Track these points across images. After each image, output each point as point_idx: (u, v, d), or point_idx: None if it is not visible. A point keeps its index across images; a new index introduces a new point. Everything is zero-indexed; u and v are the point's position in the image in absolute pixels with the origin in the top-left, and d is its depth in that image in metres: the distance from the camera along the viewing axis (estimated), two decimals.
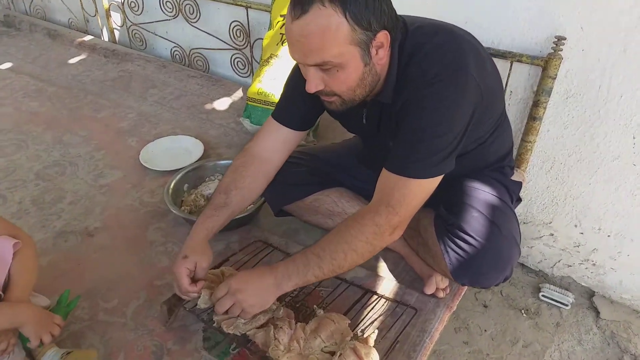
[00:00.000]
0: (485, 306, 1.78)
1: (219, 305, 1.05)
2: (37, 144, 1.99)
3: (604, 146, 1.52)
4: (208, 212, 1.20)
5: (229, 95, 2.34)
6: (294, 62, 1.23)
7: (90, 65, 2.68)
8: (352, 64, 0.97)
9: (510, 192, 1.29)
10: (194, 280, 1.14)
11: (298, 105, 1.24)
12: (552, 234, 1.77)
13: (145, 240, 1.50)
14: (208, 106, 2.27)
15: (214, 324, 1.12)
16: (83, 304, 1.27)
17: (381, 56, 1.01)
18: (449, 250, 1.14)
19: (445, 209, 1.19)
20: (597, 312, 1.72)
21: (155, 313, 1.25)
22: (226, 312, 1.08)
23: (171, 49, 2.69)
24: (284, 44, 1.87)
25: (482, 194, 1.19)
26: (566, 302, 1.72)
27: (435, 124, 0.99)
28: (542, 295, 1.76)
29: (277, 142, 1.27)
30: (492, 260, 1.11)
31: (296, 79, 1.22)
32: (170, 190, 1.56)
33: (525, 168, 1.65)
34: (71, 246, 1.48)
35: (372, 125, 1.19)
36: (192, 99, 2.32)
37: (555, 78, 1.47)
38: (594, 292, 1.77)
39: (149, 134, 2.05)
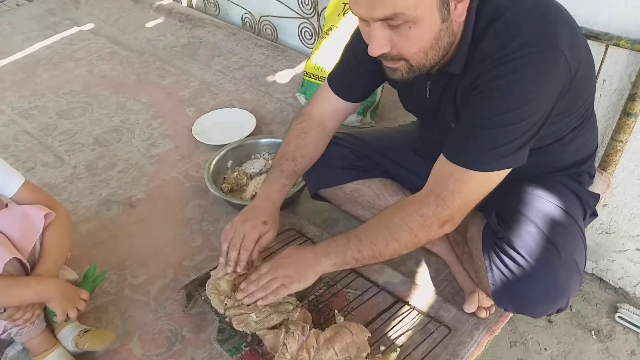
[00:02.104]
0: (550, 322, 1.58)
1: (259, 279, 1.01)
2: (102, 108, 2.03)
3: None
4: (282, 181, 1.15)
5: (292, 67, 2.24)
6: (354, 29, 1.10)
7: (165, 30, 2.69)
8: (428, 18, 0.81)
9: (585, 205, 1.08)
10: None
11: (353, 74, 1.13)
12: (638, 249, 1.53)
13: (182, 216, 1.48)
14: (270, 78, 2.19)
15: (226, 318, 1.06)
16: (112, 277, 1.27)
17: (460, 12, 0.85)
18: (493, 267, 0.97)
19: (497, 218, 1.01)
20: None
21: (176, 295, 1.22)
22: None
23: (242, 15, 2.62)
24: (345, 14, 1.72)
25: (546, 204, 1.00)
26: None
27: (507, 109, 0.83)
28: (619, 317, 1.55)
29: (332, 109, 1.19)
30: (543, 288, 0.92)
31: (355, 44, 1.10)
32: (211, 167, 1.51)
33: (613, 172, 1.41)
34: (112, 216, 1.49)
35: (435, 100, 1.04)
36: (255, 69, 2.26)
37: None
38: None
39: (207, 104, 2.02)
